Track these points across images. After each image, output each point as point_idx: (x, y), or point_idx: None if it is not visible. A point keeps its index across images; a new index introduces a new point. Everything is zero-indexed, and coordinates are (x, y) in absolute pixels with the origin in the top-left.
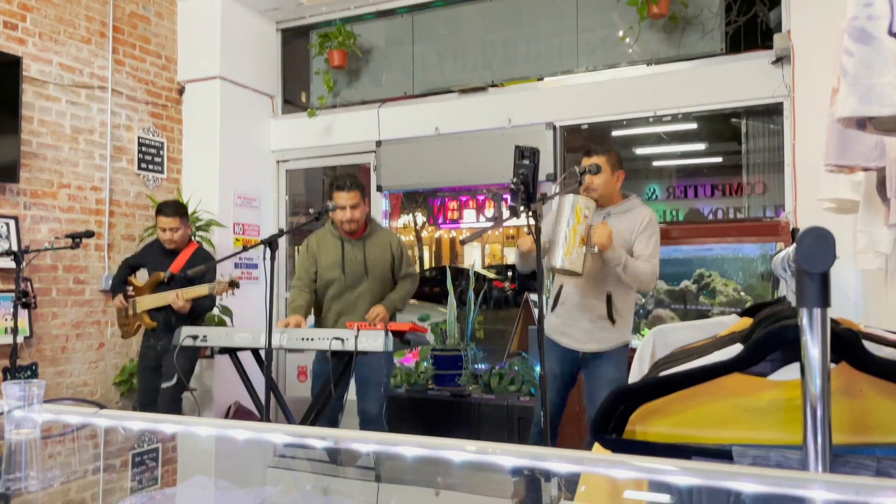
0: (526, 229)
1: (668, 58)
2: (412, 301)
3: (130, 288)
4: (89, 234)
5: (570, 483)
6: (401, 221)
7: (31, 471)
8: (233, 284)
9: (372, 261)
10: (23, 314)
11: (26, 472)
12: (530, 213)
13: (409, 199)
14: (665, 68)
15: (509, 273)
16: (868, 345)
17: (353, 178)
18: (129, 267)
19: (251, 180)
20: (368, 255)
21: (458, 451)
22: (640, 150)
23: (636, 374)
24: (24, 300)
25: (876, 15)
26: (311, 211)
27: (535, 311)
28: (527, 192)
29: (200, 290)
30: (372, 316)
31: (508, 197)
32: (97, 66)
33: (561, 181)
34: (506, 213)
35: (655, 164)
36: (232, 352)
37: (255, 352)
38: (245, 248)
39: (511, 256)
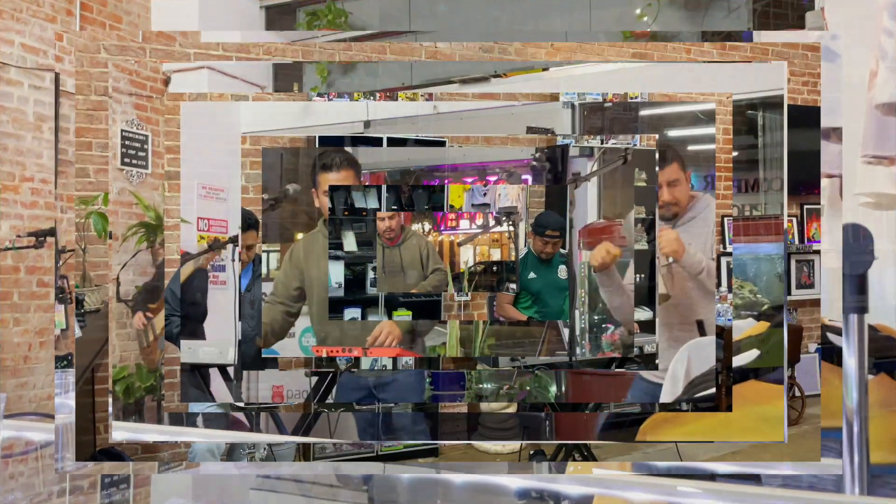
0: (507, 234)
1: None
2: None
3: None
4: (54, 233)
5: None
6: None
7: None
8: (214, 245)
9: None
10: None
11: None
12: (510, 223)
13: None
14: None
15: (494, 269)
16: None
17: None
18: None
19: (217, 169)
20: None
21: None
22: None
23: (668, 394)
24: None
25: None
26: (265, 197)
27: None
28: (553, 172)
29: (185, 269)
30: None
31: (529, 178)
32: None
33: (599, 157)
34: (490, 222)
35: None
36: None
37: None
38: (211, 248)
39: (495, 255)
